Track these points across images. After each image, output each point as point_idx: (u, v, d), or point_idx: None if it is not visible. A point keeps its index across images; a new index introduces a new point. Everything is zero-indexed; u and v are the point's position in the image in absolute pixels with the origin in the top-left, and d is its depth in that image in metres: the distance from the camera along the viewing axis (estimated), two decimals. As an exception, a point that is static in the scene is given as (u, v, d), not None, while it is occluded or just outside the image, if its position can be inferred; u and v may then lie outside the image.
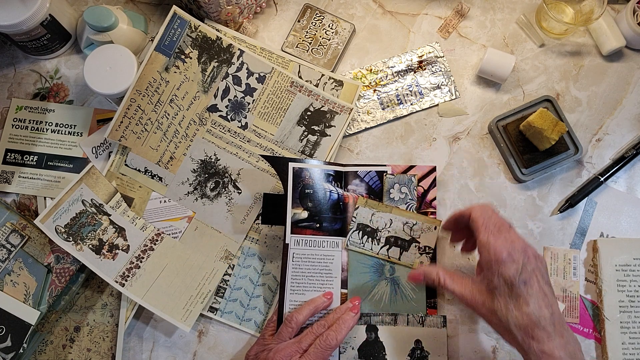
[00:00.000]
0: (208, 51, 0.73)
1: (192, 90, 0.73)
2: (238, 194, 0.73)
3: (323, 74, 0.76)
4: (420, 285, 0.72)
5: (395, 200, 0.74)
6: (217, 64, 0.73)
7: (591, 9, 0.77)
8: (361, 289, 0.72)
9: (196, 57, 0.73)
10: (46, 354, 0.71)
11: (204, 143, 0.74)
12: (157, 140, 0.73)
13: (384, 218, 0.73)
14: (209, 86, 0.73)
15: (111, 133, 0.72)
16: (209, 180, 0.73)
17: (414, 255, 0.72)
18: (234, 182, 0.72)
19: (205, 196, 0.73)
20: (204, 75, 0.73)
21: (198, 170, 0.73)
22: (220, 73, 0.73)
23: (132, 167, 0.74)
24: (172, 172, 0.73)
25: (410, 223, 0.73)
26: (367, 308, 0.71)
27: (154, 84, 0.72)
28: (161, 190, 0.74)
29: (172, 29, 0.72)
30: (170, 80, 0.73)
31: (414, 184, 0.73)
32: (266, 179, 0.73)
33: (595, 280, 0.73)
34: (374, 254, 0.72)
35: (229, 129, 0.74)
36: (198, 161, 0.74)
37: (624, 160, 0.76)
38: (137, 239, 0.71)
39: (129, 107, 0.72)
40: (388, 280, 0.72)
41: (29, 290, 0.69)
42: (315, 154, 0.74)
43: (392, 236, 0.73)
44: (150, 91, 0.72)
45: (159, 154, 0.73)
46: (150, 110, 0.72)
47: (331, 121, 0.74)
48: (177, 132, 0.73)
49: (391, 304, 0.71)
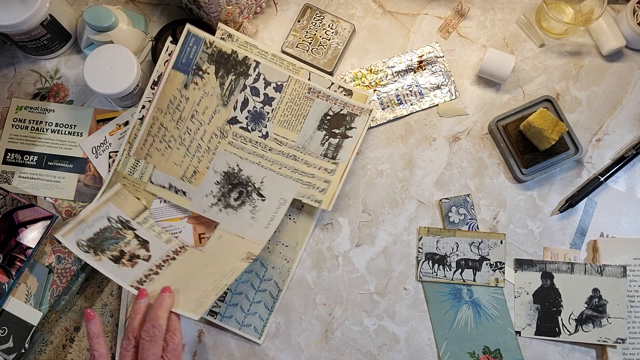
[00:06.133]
0: (224, 65, 0.73)
1: (212, 104, 0.73)
2: (262, 201, 0.73)
3: (333, 82, 0.76)
4: (500, 300, 0.73)
5: (456, 223, 0.74)
6: (234, 77, 0.73)
7: (591, 9, 0.77)
8: (444, 318, 0.72)
9: (213, 72, 0.73)
10: (46, 354, 0.71)
11: (226, 155, 0.74)
12: (181, 156, 0.73)
13: (449, 243, 0.74)
14: (228, 99, 0.73)
15: (136, 151, 0.73)
16: (233, 191, 0.73)
17: (487, 274, 0.73)
18: (257, 190, 0.72)
19: (229, 206, 0.73)
20: (222, 89, 0.73)
21: (222, 182, 0.73)
22: (238, 85, 0.73)
23: (157, 184, 0.73)
24: (196, 186, 0.73)
25: (476, 242, 0.74)
26: (453, 339, 0.72)
27: (175, 101, 0.73)
28: (185, 204, 0.73)
29: (188, 47, 0.72)
30: (190, 96, 0.73)
31: (470, 204, 0.74)
32: (290, 184, 0.73)
33: (596, 280, 0.74)
34: (448, 280, 0.73)
35: (250, 140, 0.74)
36: (221, 173, 0.73)
37: (624, 160, 0.76)
38: (160, 250, 0.71)
39: (152, 126, 0.73)
40: (469, 304, 0.73)
41: (30, 290, 0.69)
42: (338, 156, 0.73)
43: (462, 259, 0.73)
44: (171, 109, 0.73)
45: (182, 169, 0.73)
46: (173, 127, 0.73)
47: (351, 123, 0.73)
48: (199, 147, 0.73)
49: (477, 326, 0.72)
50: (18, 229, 0.70)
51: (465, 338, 0.72)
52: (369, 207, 0.76)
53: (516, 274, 0.74)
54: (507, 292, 0.74)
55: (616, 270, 0.72)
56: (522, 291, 0.73)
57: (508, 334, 0.72)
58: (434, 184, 0.77)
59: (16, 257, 0.69)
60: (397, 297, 0.74)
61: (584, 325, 0.71)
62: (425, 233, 0.75)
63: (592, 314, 0.71)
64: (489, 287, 0.73)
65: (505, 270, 0.73)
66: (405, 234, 0.76)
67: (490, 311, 0.73)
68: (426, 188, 0.77)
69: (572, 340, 0.72)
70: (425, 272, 0.74)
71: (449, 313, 0.73)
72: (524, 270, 0.74)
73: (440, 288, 0.74)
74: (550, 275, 0.73)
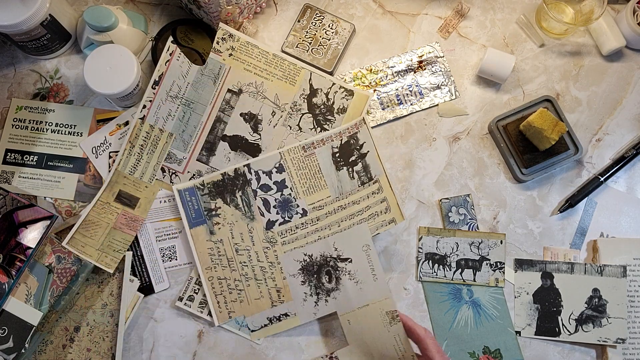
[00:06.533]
0: (226, 190, 0.73)
1: (243, 227, 0.73)
2: (350, 263, 0.71)
3: (334, 82, 0.76)
4: (500, 300, 0.73)
5: (456, 223, 0.74)
6: (240, 193, 0.73)
7: (591, 9, 0.77)
8: (444, 318, 0.72)
9: (223, 203, 0.73)
10: (46, 354, 0.71)
11: (289, 256, 0.72)
12: (255, 289, 0.72)
13: (449, 243, 0.74)
14: (252, 212, 0.73)
15: (218, 317, 0.72)
16: (321, 277, 0.71)
17: (487, 274, 0.73)
18: (339, 259, 0.71)
19: (330, 291, 0.71)
20: (240, 209, 0.73)
21: (305, 279, 0.72)
22: (249, 195, 0.73)
23: (260, 327, 0.72)
24: (289, 300, 0.72)
25: (476, 242, 0.74)
26: (453, 339, 0.72)
27: (214, 251, 0.72)
28: (295, 323, 0.72)
29: (189, 202, 0.73)
30: (222, 237, 0.73)
31: (470, 204, 0.74)
32: (359, 231, 0.71)
33: (596, 280, 0.74)
34: (448, 280, 0.73)
35: (295, 227, 0.73)
36: (299, 272, 0.72)
37: (624, 160, 0.76)
38: None
39: (213, 286, 0.72)
40: (469, 304, 0.73)
41: (31, 290, 0.69)
42: (372, 174, 0.73)
43: (462, 259, 0.73)
44: (216, 260, 0.72)
45: (266, 299, 0.72)
46: (229, 273, 0.72)
47: (358, 142, 0.73)
48: (263, 269, 0.72)
49: (477, 326, 0.72)
50: (18, 229, 0.70)
51: (465, 338, 0.72)
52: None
53: (516, 274, 0.74)
54: (507, 292, 0.74)
55: (616, 270, 0.72)
56: (522, 291, 0.73)
57: (508, 334, 0.72)
58: (434, 184, 0.77)
59: (16, 257, 0.69)
60: (397, 297, 0.74)
61: (584, 325, 0.71)
62: (425, 233, 0.75)
63: (592, 314, 0.71)
64: (489, 287, 0.73)
65: (505, 270, 0.73)
66: (405, 234, 0.76)
67: (490, 311, 0.73)
68: (426, 188, 0.77)
69: (572, 340, 0.72)
70: (425, 272, 0.74)
71: (449, 313, 0.73)
72: (524, 270, 0.74)
73: (440, 288, 0.74)
74: (550, 275, 0.73)
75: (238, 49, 0.76)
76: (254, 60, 0.76)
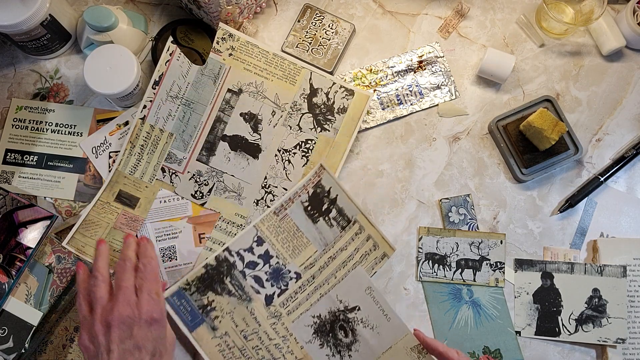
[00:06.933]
0: (214, 282, 0.71)
1: (244, 312, 0.71)
2: (359, 310, 0.70)
3: (334, 82, 0.75)
4: (500, 300, 0.72)
5: (456, 223, 0.74)
6: (229, 279, 0.71)
7: (591, 9, 0.77)
8: (444, 318, 0.72)
9: (216, 295, 0.71)
10: (46, 354, 0.71)
11: (297, 323, 0.71)
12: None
13: (449, 243, 0.74)
14: (246, 294, 0.71)
15: None
16: (336, 334, 0.70)
17: (487, 274, 0.73)
18: (347, 310, 0.70)
19: (349, 345, 0.70)
20: (234, 296, 0.71)
21: (322, 340, 0.71)
22: (238, 278, 0.71)
23: None
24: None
25: (476, 242, 0.74)
26: (453, 339, 0.72)
27: (223, 346, 0.70)
28: None
29: (181, 307, 0.71)
30: (226, 329, 0.71)
31: (470, 204, 0.74)
32: (356, 276, 0.71)
33: (596, 280, 0.74)
34: (448, 280, 0.73)
35: (294, 293, 0.72)
36: (313, 337, 0.71)
37: (624, 160, 0.76)
38: None
39: None
40: (469, 304, 0.73)
41: (31, 290, 0.69)
42: (349, 216, 0.72)
43: (462, 259, 0.73)
44: (228, 355, 0.70)
45: None
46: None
47: (325, 191, 0.72)
48: (277, 345, 0.71)
49: (477, 326, 0.72)
50: (18, 229, 0.70)
51: (465, 338, 0.72)
52: (369, 207, 0.76)
53: (516, 274, 0.74)
54: (507, 292, 0.74)
55: (616, 270, 0.72)
56: (522, 291, 0.73)
57: (508, 334, 0.72)
58: (434, 184, 0.77)
59: (16, 257, 0.69)
60: (397, 297, 0.74)
61: (584, 325, 0.71)
62: (425, 233, 0.75)
63: (592, 314, 0.71)
64: (489, 287, 0.73)
65: (505, 270, 0.73)
66: (405, 234, 0.76)
67: (490, 311, 0.73)
68: (426, 188, 0.77)
69: (572, 340, 0.72)
70: (425, 272, 0.74)
71: (449, 313, 0.73)
72: (524, 270, 0.74)
73: (440, 288, 0.74)
74: (550, 275, 0.73)
75: (238, 49, 0.76)
76: (254, 60, 0.76)
